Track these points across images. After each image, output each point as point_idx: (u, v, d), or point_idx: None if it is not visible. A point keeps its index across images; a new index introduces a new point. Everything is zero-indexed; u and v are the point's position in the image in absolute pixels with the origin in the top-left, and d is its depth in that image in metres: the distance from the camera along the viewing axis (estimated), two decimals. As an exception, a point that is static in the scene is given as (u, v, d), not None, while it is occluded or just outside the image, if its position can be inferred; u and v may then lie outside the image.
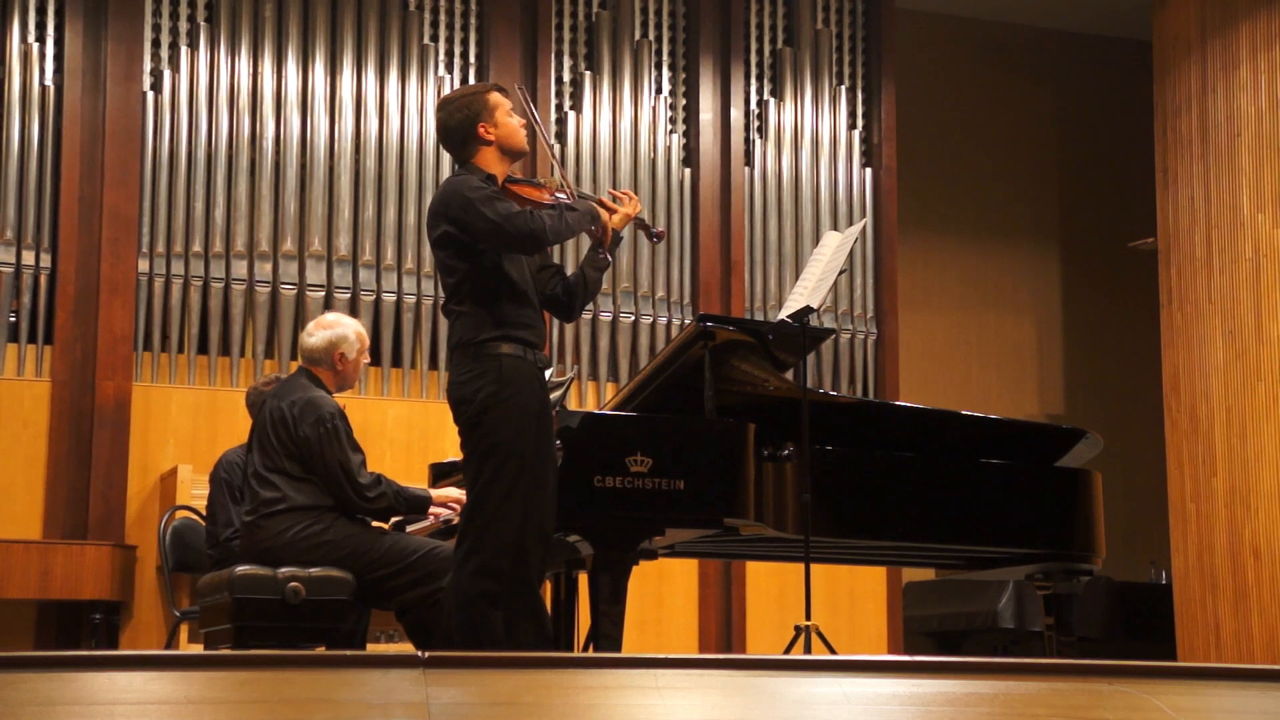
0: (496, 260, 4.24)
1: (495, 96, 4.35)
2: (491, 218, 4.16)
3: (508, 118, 4.34)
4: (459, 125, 4.32)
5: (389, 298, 7.75)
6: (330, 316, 5.23)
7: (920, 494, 5.06)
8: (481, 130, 4.30)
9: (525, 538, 4.14)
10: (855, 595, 8.16)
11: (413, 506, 4.96)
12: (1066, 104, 10.52)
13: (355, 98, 7.88)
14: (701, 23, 8.54)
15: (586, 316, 8.01)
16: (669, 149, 8.43)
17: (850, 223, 8.52)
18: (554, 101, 8.25)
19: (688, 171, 8.46)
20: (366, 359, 5.14)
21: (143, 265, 7.42)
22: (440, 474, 5.44)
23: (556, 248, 7.72)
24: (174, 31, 7.69)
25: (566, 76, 8.35)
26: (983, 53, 10.20)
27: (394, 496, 4.88)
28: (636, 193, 8.27)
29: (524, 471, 4.14)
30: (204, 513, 5.92)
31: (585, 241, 4.56)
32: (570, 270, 4.84)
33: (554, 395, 4.58)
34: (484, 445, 4.16)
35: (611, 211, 4.44)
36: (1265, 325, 7.68)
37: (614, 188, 6.50)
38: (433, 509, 5.03)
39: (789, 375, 5.10)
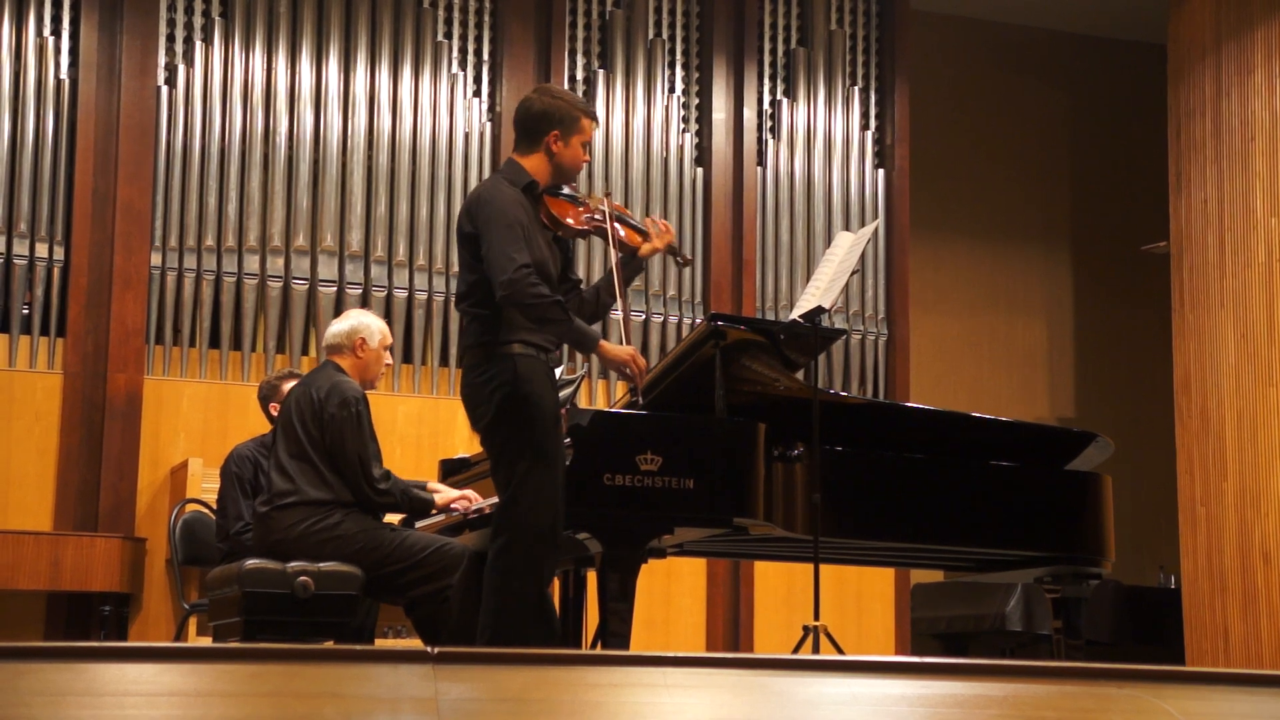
0: None
1: (586, 122, 4.40)
2: (497, 246, 4.18)
3: (580, 146, 4.40)
4: (537, 116, 4.37)
5: (400, 294, 7.76)
6: (355, 310, 5.30)
7: (930, 496, 5.05)
8: (551, 137, 4.36)
9: (550, 534, 4.21)
10: (863, 596, 8.16)
11: (415, 509, 5.01)
12: (1080, 107, 10.50)
13: (368, 94, 7.89)
14: (715, 22, 8.53)
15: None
16: (682, 148, 8.43)
17: (862, 224, 8.52)
18: (567, 99, 8.25)
19: (700, 171, 8.46)
20: (388, 359, 5.16)
21: (155, 259, 7.44)
22: (450, 470, 5.44)
23: (582, 249, 7.74)
24: (189, 26, 7.71)
25: (580, 75, 8.35)
26: (996, 54, 10.19)
27: (400, 495, 4.93)
28: (648, 191, 8.28)
29: (549, 468, 4.21)
30: (214, 506, 5.94)
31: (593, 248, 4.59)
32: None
33: (564, 393, 4.60)
34: (512, 446, 4.22)
35: (645, 237, 4.52)
36: (1277, 328, 7.66)
37: (650, 216, 6.50)
38: (439, 510, 5.06)
39: (799, 375, 5.09)
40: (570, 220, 4.43)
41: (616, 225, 4.50)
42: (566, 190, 4.50)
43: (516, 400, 4.20)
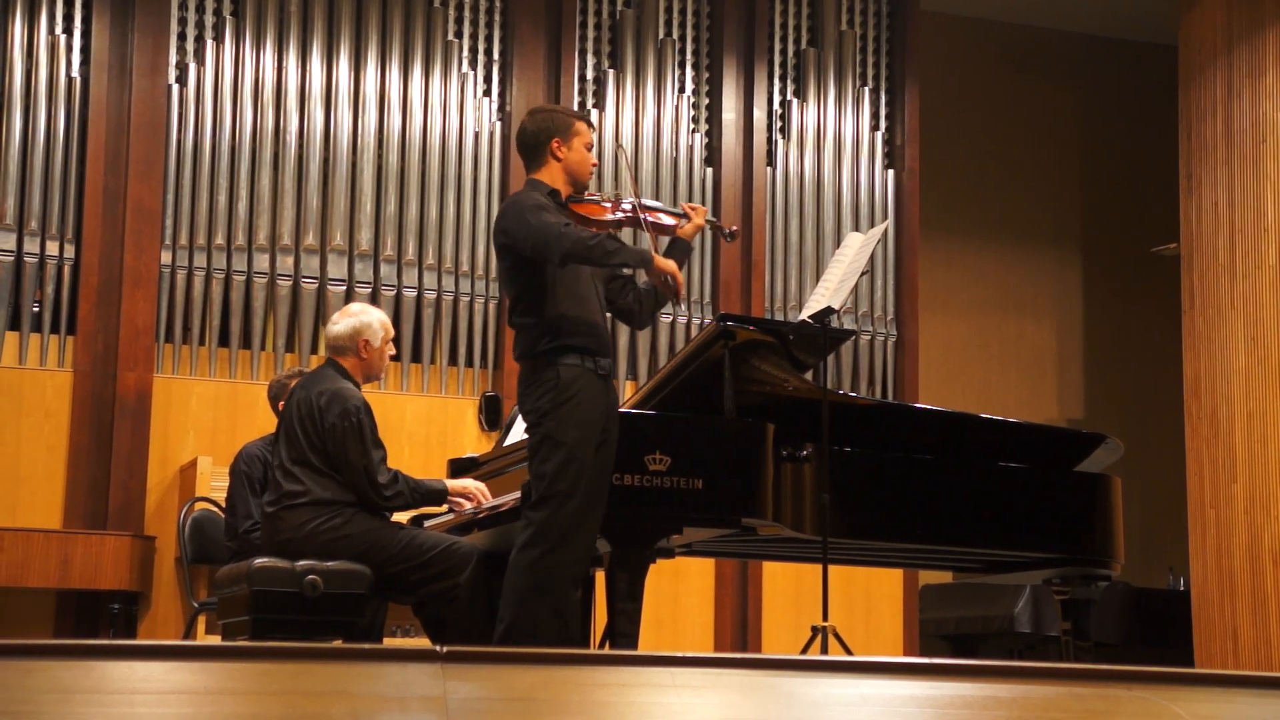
0: (554, 270, 4.35)
1: (580, 125, 4.53)
2: (533, 224, 4.28)
3: (583, 148, 4.52)
4: (535, 134, 4.51)
5: (409, 293, 7.76)
6: (355, 306, 5.25)
7: (939, 496, 5.05)
8: (554, 144, 4.48)
9: (576, 538, 4.24)
10: (871, 597, 8.15)
11: (428, 499, 5.00)
12: (1090, 108, 10.48)
13: (379, 93, 7.90)
14: (725, 22, 8.53)
15: (605, 315, 8.02)
16: (691, 148, 8.42)
17: (872, 224, 8.51)
18: (577, 100, 8.26)
19: (710, 171, 8.46)
20: (392, 350, 5.17)
21: (165, 257, 7.45)
22: (459, 469, 5.44)
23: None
24: (200, 25, 7.72)
25: (590, 74, 8.35)
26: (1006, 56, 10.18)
27: (410, 493, 4.92)
28: (658, 191, 8.28)
29: (583, 474, 4.25)
30: (223, 505, 5.94)
31: (662, 246, 4.61)
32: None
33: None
34: (546, 446, 4.29)
35: (685, 217, 4.57)
36: (1288, 332, 7.65)
37: (686, 201, 6.52)
38: (452, 498, 5.05)
39: (809, 376, 5.09)
40: (601, 218, 4.48)
41: (647, 212, 4.53)
42: (588, 195, 4.56)
43: (557, 403, 4.28)
